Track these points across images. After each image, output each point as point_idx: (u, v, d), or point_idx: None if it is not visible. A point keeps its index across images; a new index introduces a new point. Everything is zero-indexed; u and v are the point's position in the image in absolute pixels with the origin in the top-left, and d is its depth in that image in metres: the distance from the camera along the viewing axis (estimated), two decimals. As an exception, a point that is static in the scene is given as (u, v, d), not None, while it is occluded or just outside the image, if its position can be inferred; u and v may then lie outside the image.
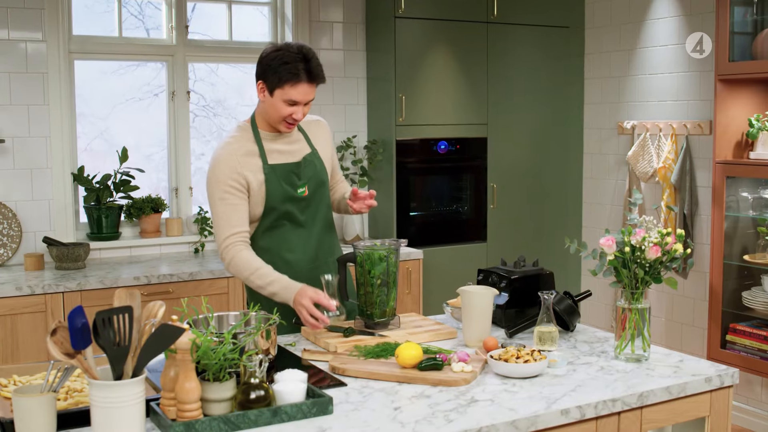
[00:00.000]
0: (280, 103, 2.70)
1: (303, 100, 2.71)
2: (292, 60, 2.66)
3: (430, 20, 4.92)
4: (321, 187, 2.89)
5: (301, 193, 2.83)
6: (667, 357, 2.47)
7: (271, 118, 2.76)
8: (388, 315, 2.72)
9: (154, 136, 4.83)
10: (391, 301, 2.72)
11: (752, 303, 4.16)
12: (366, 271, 2.69)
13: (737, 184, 4.26)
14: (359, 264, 2.71)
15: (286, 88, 2.67)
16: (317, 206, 2.90)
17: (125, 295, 1.87)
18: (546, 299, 2.48)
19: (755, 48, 4.12)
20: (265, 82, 2.71)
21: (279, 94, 2.69)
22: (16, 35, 4.24)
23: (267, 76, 2.70)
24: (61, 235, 4.37)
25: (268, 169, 2.77)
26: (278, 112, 2.72)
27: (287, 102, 2.69)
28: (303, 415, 1.94)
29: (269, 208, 2.79)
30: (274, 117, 2.74)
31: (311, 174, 2.86)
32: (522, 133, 5.32)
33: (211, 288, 4.12)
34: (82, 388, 2.10)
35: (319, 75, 2.71)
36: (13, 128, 4.25)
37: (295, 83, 2.67)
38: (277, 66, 2.67)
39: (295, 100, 2.69)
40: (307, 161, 2.87)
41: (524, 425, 1.97)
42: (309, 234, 2.88)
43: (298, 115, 2.72)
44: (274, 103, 2.71)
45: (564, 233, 5.45)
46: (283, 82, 2.67)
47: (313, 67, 2.69)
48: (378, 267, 2.68)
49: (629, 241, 2.39)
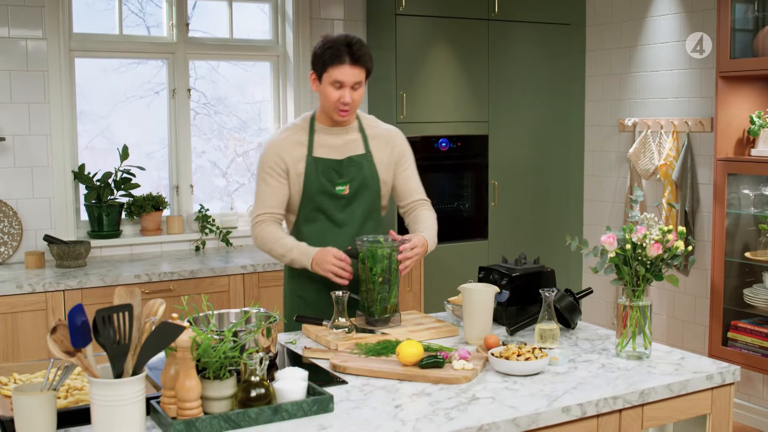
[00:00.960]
0: (328, 88, 2.79)
1: (348, 82, 2.77)
2: (336, 44, 2.77)
3: (431, 17, 4.91)
4: (365, 189, 2.90)
5: (340, 191, 2.86)
6: (669, 354, 2.47)
7: (325, 106, 2.85)
8: (389, 312, 2.72)
9: (154, 134, 4.83)
10: (392, 298, 2.72)
11: (753, 300, 4.15)
12: (368, 268, 2.69)
13: (738, 181, 4.25)
14: (361, 260, 2.71)
15: (330, 70, 2.77)
16: (357, 207, 2.91)
17: (125, 293, 1.87)
18: (547, 297, 2.48)
19: (756, 45, 4.11)
20: (315, 71, 2.83)
21: (326, 78, 2.79)
22: (17, 33, 4.23)
23: (316, 64, 2.82)
24: (62, 233, 4.37)
25: (310, 160, 2.86)
26: (328, 99, 2.81)
27: (334, 85, 2.78)
28: (304, 413, 1.94)
29: (306, 200, 2.87)
30: (327, 105, 2.83)
31: (355, 174, 2.89)
32: (523, 130, 5.31)
33: (212, 286, 4.12)
34: (83, 387, 2.09)
35: (362, 57, 2.78)
36: (13, 126, 4.25)
37: (338, 64, 2.75)
38: (322, 53, 2.79)
39: (340, 81, 2.76)
40: (354, 161, 2.89)
41: (525, 423, 1.97)
42: (345, 234, 2.89)
43: (345, 98, 2.78)
44: (323, 90, 2.81)
45: (565, 231, 5.44)
46: (327, 65, 2.77)
47: (356, 50, 2.77)
48: (380, 264, 2.68)
49: (630, 239, 2.38)
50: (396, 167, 2.99)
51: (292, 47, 4.97)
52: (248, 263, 4.23)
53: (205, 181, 5.02)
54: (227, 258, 4.42)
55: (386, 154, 2.96)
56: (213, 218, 4.75)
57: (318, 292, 2.91)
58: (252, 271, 4.21)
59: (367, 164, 2.91)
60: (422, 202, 3.04)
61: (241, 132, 5.10)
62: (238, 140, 5.06)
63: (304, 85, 4.99)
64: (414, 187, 3.03)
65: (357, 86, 2.80)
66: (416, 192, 3.03)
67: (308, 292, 2.94)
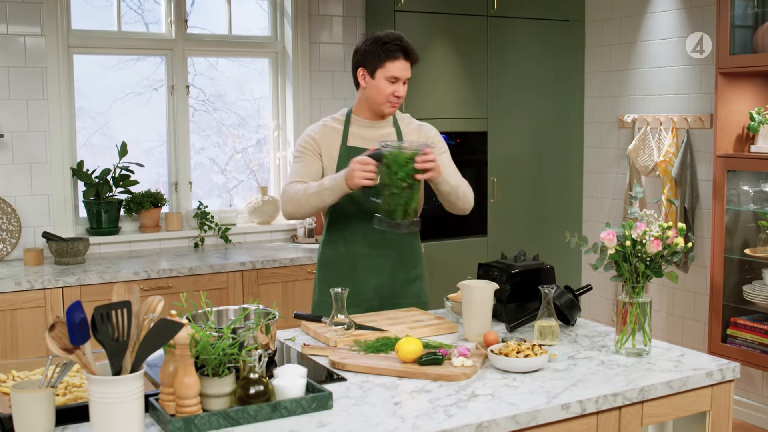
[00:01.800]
0: (382, 82, 2.90)
1: (403, 76, 2.91)
2: (389, 40, 2.90)
3: (430, 14, 4.90)
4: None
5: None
6: (668, 351, 2.46)
7: (375, 101, 2.94)
8: (410, 215, 2.72)
9: (153, 131, 4.82)
10: (413, 202, 2.72)
11: (753, 297, 4.15)
12: (393, 173, 2.67)
13: (738, 178, 4.24)
14: (386, 165, 2.68)
15: (387, 65, 2.89)
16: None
17: (124, 290, 1.86)
18: (546, 293, 2.47)
19: (756, 41, 4.10)
20: (366, 67, 2.93)
21: (380, 73, 2.90)
22: (15, 29, 4.22)
23: (368, 61, 2.92)
24: (61, 230, 4.37)
25: (344, 149, 2.96)
26: (382, 93, 2.91)
27: (389, 79, 2.90)
28: (303, 410, 1.94)
29: None
30: (378, 98, 2.93)
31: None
32: (522, 127, 5.31)
33: (211, 283, 4.12)
34: (82, 384, 2.09)
35: (413, 52, 2.94)
36: (12, 123, 4.24)
37: (395, 60, 2.89)
38: (375, 49, 2.90)
39: (396, 76, 2.89)
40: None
41: (525, 420, 1.97)
42: (370, 228, 2.92)
43: (400, 92, 2.91)
44: (376, 84, 2.92)
45: (564, 227, 5.44)
46: (383, 61, 2.89)
47: (408, 45, 2.92)
48: (404, 169, 2.67)
49: (630, 235, 2.38)
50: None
51: (290, 43, 4.96)
52: (247, 260, 4.23)
53: (204, 178, 5.02)
54: (226, 255, 4.42)
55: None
56: (212, 215, 4.74)
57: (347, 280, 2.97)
58: (251, 268, 4.21)
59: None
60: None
61: (240, 129, 5.09)
62: (236, 137, 5.05)
63: (303, 81, 4.98)
64: (449, 172, 3.06)
65: (406, 80, 2.95)
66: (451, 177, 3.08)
67: (339, 282, 2.95)
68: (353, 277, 2.99)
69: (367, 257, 3.00)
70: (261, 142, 5.16)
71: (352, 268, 3.00)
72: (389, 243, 3.01)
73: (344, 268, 3.01)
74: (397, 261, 3.04)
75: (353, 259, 3.00)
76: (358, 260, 3.00)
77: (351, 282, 2.95)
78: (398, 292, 3.05)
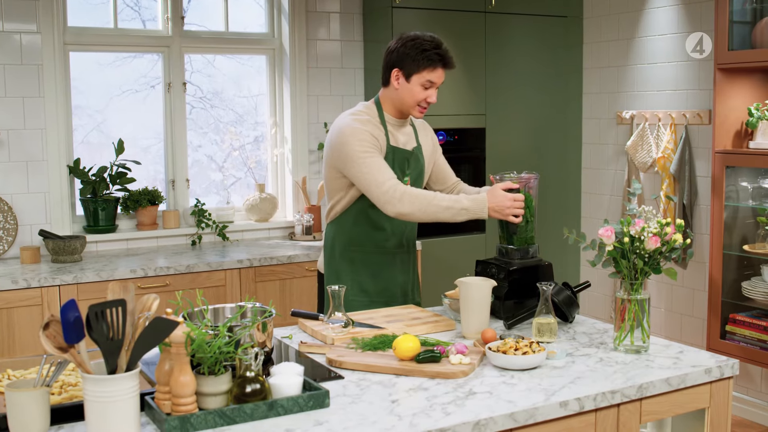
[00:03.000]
0: (417, 87, 2.89)
1: (438, 83, 2.92)
2: (430, 47, 2.88)
3: (428, 10, 4.88)
4: (419, 180, 3.06)
5: (405, 182, 2.96)
6: (667, 348, 2.46)
7: (405, 103, 2.93)
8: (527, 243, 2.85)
9: (150, 128, 4.81)
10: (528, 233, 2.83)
11: (752, 293, 4.14)
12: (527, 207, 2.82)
13: (737, 174, 4.24)
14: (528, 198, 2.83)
15: (424, 72, 2.88)
16: None
17: (118, 288, 1.85)
18: (545, 290, 2.47)
19: (755, 37, 4.09)
20: (402, 69, 2.90)
21: (416, 79, 2.88)
22: (11, 27, 4.21)
23: (404, 63, 2.89)
24: (58, 227, 4.35)
25: (390, 149, 2.95)
26: (414, 97, 2.90)
27: (424, 85, 2.89)
28: (299, 408, 1.93)
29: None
30: (409, 102, 2.92)
31: (415, 166, 3.02)
32: (520, 123, 5.29)
33: (208, 280, 4.11)
34: (77, 382, 2.08)
35: (451, 61, 2.93)
36: (8, 121, 4.23)
37: (434, 68, 2.89)
38: (415, 54, 2.88)
39: (433, 82, 2.90)
40: (414, 154, 3.02)
41: (523, 418, 1.96)
42: (395, 222, 3.00)
43: (432, 98, 2.92)
44: (411, 88, 2.90)
45: (563, 224, 5.43)
46: (422, 68, 2.88)
47: (446, 53, 2.92)
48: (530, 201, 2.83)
49: (628, 232, 2.37)
50: (435, 154, 3.16)
51: (288, 40, 4.94)
52: (244, 257, 4.22)
53: (202, 176, 5.00)
54: (223, 252, 4.41)
55: (428, 145, 3.13)
56: (209, 212, 4.73)
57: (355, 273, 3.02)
58: (248, 266, 4.20)
59: (422, 157, 3.06)
60: (459, 183, 3.23)
61: (238, 126, 5.07)
62: (234, 134, 5.04)
63: (300, 78, 4.96)
64: (449, 171, 3.22)
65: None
66: (452, 175, 3.23)
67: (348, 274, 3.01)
68: (381, 274, 3.03)
69: (394, 255, 3.05)
70: (258, 139, 5.15)
71: (381, 264, 3.02)
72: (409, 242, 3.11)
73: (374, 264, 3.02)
74: (413, 258, 3.15)
75: (383, 257, 3.02)
76: (386, 258, 3.03)
77: (380, 279, 3.02)
78: (415, 288, 3.16)
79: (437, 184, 3.19)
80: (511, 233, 2.85)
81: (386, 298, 3.02)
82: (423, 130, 3.14)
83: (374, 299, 3.00)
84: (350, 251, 3.01)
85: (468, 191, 3.13)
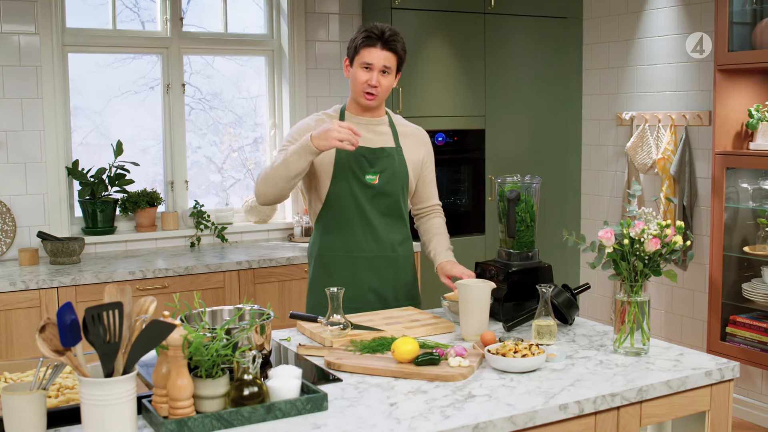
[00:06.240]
0: (358, 71, 2.86)
1: (377, 64, 2.83)
2: (370, 29, 2.86)
3: (427, 11, 4.88)
4: (395, 182, 2.93)
5: (370, 180, 2.89)
6: (667, 350, 2.45)
7: (354, 91, 2.90)
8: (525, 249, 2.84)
9: (149, 130, 4.80)
10: (529, 238, 2.83)
11: (752, 295, 4.13)
12: (526, 210, 2.81)
13: (737, 175, 4.23)
14: (525, 201, 2.82)
15: (361, 52, 2.84)
16: (385, 199, 2.92)
17: (115, 290, 1.84)
18: (544, 292, 2.46)
19: (755, 38, 4.08)
20: (348, 56, 2.91)
21: (356, 61, 2.86)
22: (9, 28, 4.20)
23: (349, 50, 2.90)
24: (56, 229, 4.34)
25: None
26: (357, 80, 2.86)
27: (362, 66, 2.84)
28: (297, 411, 1.92)
29: (334, 186, 2.87)
30: (355, 88, 2.88)
31: (386, 165, 2.91)
32: (520, 124, 5.29)
33: (207, 282, 4.10)
34: (74, 386, 2.07)
35: (392, 42, 2.84)
36: (6, 122, 4.22)
37: (369, 47, 2.83)
38: (356, 38, 2.88)
39: (368, 62, 2.83)
40: (386, 152, 2.92)
41: (522, 421, 1.95)
42: (368, 225, 2.91)
43: (373, 81, 2.84)
44: (354, 73, 2.88)
45: (562, 225, 5.42)
46: (359, 48, 2.85)
47: (388, 36, 2.84)
48: (530, 205, 2.82)
49: (628, 234, 2.36)
50: (422, 169, 3.05)
51: (287, 41, 4.94)
52: (243, 259, 4.21)
53: (201, 177, 4.99)
54: (222, 254, 4.40)
55: (416, 154, 3.01)
56: (208, 214, 4.72)
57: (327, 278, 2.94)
58: (247, 267, 4.19)
59: (398, 158, 2.95)
60: (437, 207, 3.12)
61: (237, 127, 5.07)
62: (233, 135, 5.03)
63: (299, 79, 4.96)
64: (433, 191, 3.10)
65: (387, 71, 2.86)
66: (434, 196, 3.11)
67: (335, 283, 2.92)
68: (353, 280, 2.93)
69: (369, 260, 2.94)
70: (258, 140, 5.14)
71: (353, 270, 2.93)
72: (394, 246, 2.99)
73: (342, 266, 2.94)
74: (402, 262, 3.02)
75: (353, 262, 2.93)
76: (358, 263, 2.93)
77: (351, 285, 2.91)
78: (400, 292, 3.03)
79: (413, 201, 3.09)
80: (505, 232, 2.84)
81: (359, 304, 2.92)
82: (412, 139, 3.01)
83: (344, 305, 2.83)
84: (323, 256, 2.96)
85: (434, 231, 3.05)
